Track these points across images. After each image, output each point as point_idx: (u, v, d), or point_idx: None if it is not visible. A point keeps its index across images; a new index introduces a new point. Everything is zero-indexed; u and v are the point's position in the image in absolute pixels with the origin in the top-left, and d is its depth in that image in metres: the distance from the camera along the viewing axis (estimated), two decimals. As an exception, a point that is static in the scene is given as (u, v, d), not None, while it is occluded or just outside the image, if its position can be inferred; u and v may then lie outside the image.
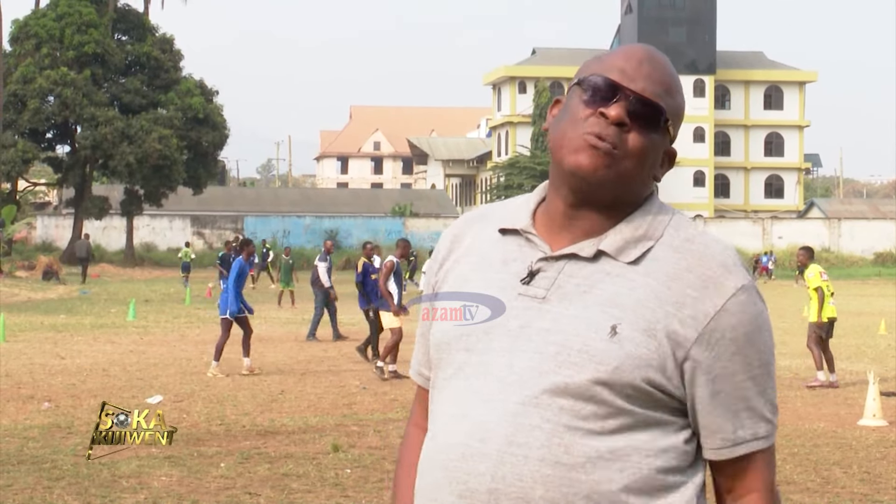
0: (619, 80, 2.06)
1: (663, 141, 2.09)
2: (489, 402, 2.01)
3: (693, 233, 2.08)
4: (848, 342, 22.92)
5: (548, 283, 2.05)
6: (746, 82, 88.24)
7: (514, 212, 2.17)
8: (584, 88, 2.08)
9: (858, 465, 10.18)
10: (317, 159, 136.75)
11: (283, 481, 9.01)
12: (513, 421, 1.98)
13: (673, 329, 2.00)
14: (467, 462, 2.00)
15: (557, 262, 2.07)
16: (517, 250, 2.12)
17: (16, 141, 56.02)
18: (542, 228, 2.12)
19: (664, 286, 2.01)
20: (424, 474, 2.09)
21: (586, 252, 2.06)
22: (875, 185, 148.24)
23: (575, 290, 2.04)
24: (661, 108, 2.06)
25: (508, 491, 1.97)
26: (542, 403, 1.98)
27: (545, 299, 2.04)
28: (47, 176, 74.28)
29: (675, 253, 2.04)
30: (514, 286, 2.07)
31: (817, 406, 13.92)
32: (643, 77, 2.06)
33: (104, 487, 8.63)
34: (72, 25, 58.46)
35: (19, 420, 11.84)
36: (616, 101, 2.04)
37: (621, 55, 2.10)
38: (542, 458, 1.96)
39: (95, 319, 26.66)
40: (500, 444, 1.98)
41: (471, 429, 2.01)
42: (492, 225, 2.18)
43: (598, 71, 2.09)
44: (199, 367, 17.04)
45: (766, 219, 75.95)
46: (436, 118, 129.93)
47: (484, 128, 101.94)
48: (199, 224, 70.95)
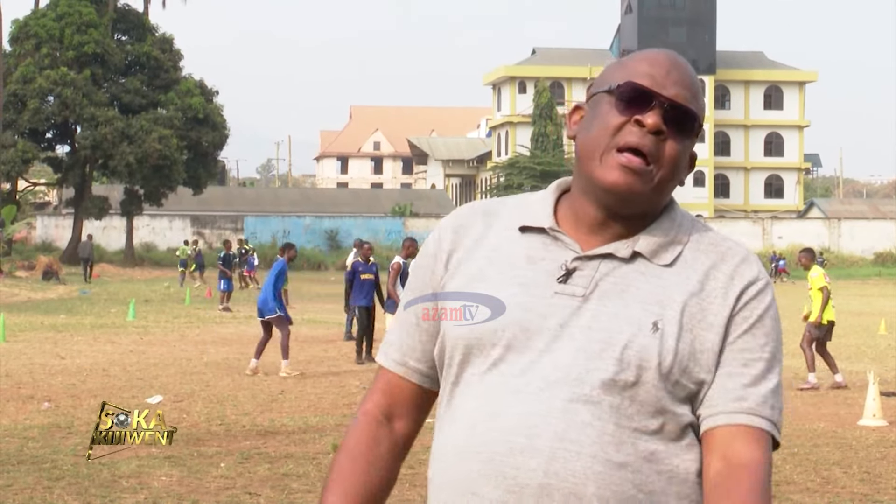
0: (652, 86, 2.06)
1: (692, 146, 2.12)
2: (534, 399, 2.00)
3: (715, 237, 2.13)
4: (848, 342, 22.93)
5: (586, 281, 2.06)
6: (746, 82, 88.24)
7: (533, 210, 2.16)
8: (617, 96, 2.07)
9: (858, 465, 10.18)
10: (317, 159, 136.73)
11: (284, 481, 9.01)
12: (563, 417, 1.98)
13: (709, 322, 2.04)
14: (516, 457, 1.99)
15: (592, 261, 2.07)
16: (543, 249, 2.11)
17: (16, 141, 56.03)
18: (569, 229, 2.12)
19: (697, 283, 2.06)
20: (454, 466, 2.06)
21: (623, 253, 2.07)
22: (875, 185, 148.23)
23: (613, 289, 2.05)
24: (695, 113, 2.08)
25: (561, 486, 1.97)
26: (592, 400, 1.99)
27: (584, 297, 2.05)
28: (47, 176, 74.28)
29: (703, 255, 2.10)
30: (548, 284, 2.06)
31: (817, 406, 13.92)
32: (673, 83, 2.07)
33: (104, 487, 8.63)
34: (72, 25, 58.46)
35: (19, 420, 11.84)
36: (652, 108, 2.05)
37: (646, 61, 2.10)
38: (594, 454, 1.97)
39: (95, 319, 26.66)
40: (551, 439, 1.98)
41: (514, 424, 2.00)
42: (504, 221, 2.16)
43: (626, 78, 2.08)
44: (198, 367, 17.05)
45: (766, 219, 75.95)
46: (436, 118, 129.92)
47: (484, 128, 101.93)
48: (199, 224, 70.93)
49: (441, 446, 2.11)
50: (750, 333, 2.06)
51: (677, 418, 2.03)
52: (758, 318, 2.07)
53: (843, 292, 49.44)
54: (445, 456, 2.09)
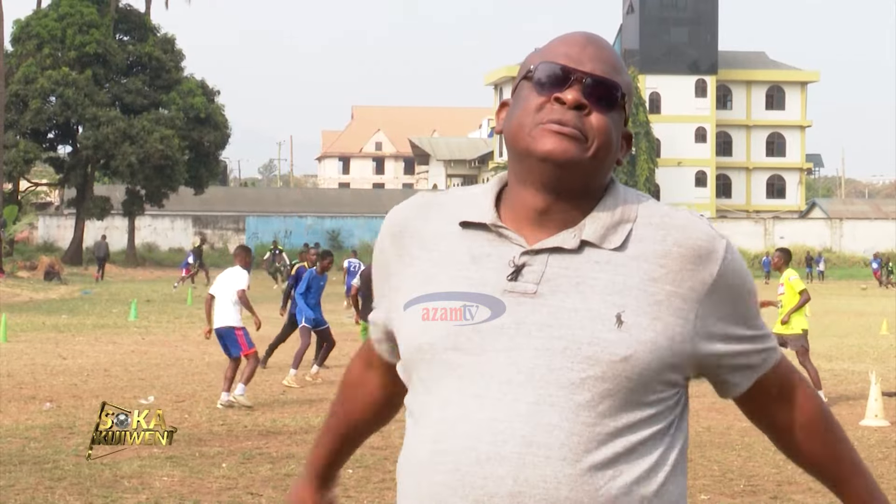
0: (568, 63, 2.03)
1: (620, 120, 2.07)
2: (496, 403, 1.94)
3: (664, 208, 2.07)
4: (850, 342, 22.93)
5: (536, 276, 1.99)
6: (748, 82, 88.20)
7: (472, 204, 2.08)
8: (534, 79, 2.04)
9: (860, 465, 10.16)
10: (318, 159, 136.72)
11: (285, 481, 9.00)
12: (528, 420, 1.92)
13: (676, 306, 1.99)
14: (483, 466, 1.92)
15: (540, 255, 2.00)
16: (487, 245, 2.03)
17: (17, 141, 56.02)
18: (511, 223, 2.05)
19: (656, 265, 2.00)
20: (420, 480, 2.01)
21: (569, 244, 2.00)
22: (877, 185, 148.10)
23: (567, 283, 1.98)
24: (616, 83, 2.04)
25: (533, 493, 1.91)
26: (559, 402, 1.92)
27: (536, 294, 1.98)
28: (49, 176, 74.27)
29: (658, 230, 2.03)
30: (496, 282, 2.00)
31: (819, 406, 13.89)
32: (590, 58, 2.04)
33: (106, 488, 8.63)
34: (73, 26, 58.46)
35: (21, 420, 11.84)
36: (570, 85, 2.02)
37: (562, 42, 2.08)
38: (564, 457, 1.91)
39: (97, 320, 26.67)
40: (519, 445, 1.91)
41: (478, 431, 1.93)
42: (445, 216, 2.10)
43: (543, 60, 2.06)
44: (200, 368, 17.05)
45: (768, 219, 75.93)
46: (437, 118, 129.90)
47: (486, 128, 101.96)
48: (201, 224, 70.97)
49: (405, 460, 2.06)
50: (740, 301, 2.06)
51: (654, 407, 1.98)
52: (739, 286, 2.05)
53: (844, 292, 49.50)
54: (410, 469, 2.04)
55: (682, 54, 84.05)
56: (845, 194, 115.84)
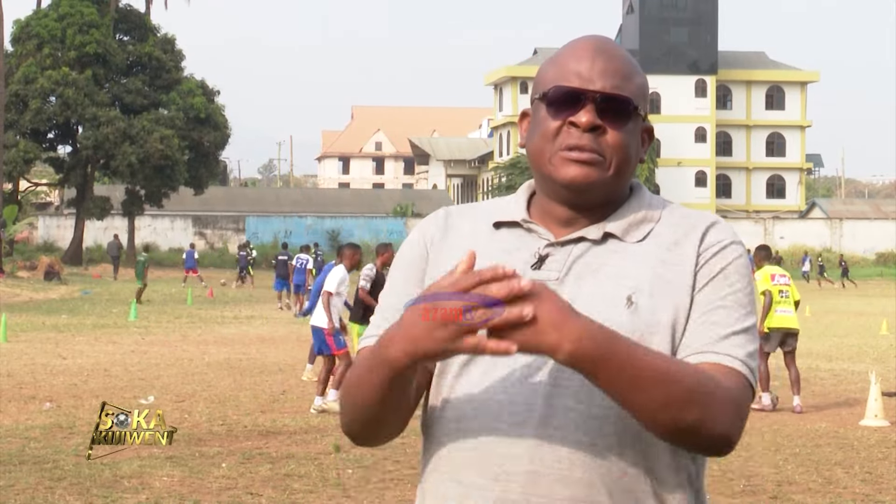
0: (579, 84, 2.07)
1: (637, 126, 2.12)
2: (517, 385, 2.01)
3: (686, 211, 2.17)
4: (850, 342, 22.95)
5: (559, 265, 2.09)
6: (748, 82, 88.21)
7: (505, 208, 2.19)
8: (547, 102, 2.10)
9: (860, 465, 10.17)
10: (318, 159, 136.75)
11: (285, 482, 9.01)
12: (546, 402, 1.99)
13: (681, 283, 2.05)
14: (501, 445, 2.00)
15: (564, 246, 2.10)
16: (517, 240, 2.14)
17: (17, 141, 56.07)
18: (540, 222, 2.15)
19: (667, 251, 2.08)
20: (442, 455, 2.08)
21: (593, 235, 2.10)
22: (877, 185, 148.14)
23: (586, 270, 2.07)
24: (628, 99, 2.08)
25: (548, 473, 1.98)
26: (574, 385, 1.99)
27: (559, 280, 2.06)
28: (49, 176, 74.31)
29: (674, 227, 2.12)
30: (522, 272, 2.06)
31: (819, 406, 13.91)
32: (600, 74, 2.08)
33: (106, 487, 8.63)
34: (73, 26, 58.50)
35: (21, 420, 11.85)
36: (583, 106, 2.06)
37: (572, 57, 2.11)
38: (579, 439, 1.98)
39: (97, 320, 26.68)
40: (536, 426, 1.99)
41: (498, 411, 2.01)
42: (479, 221, 2.20)
43: (555, 81, 2.10)
44: (200, 368, 17.04)
45: (768, 219, 75.96)
46: (437, 118, 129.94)
47: (485, 128, 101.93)
48: (201, 224, 70.98)
49: (431, 436, 2.12)
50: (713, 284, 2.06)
51: None
52: (720, 270, 2.06)
53: (844, 292, 49.50)
54: (437, 445, 2.10)
55: (682, 54, 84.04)
56: (845, 194, 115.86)
